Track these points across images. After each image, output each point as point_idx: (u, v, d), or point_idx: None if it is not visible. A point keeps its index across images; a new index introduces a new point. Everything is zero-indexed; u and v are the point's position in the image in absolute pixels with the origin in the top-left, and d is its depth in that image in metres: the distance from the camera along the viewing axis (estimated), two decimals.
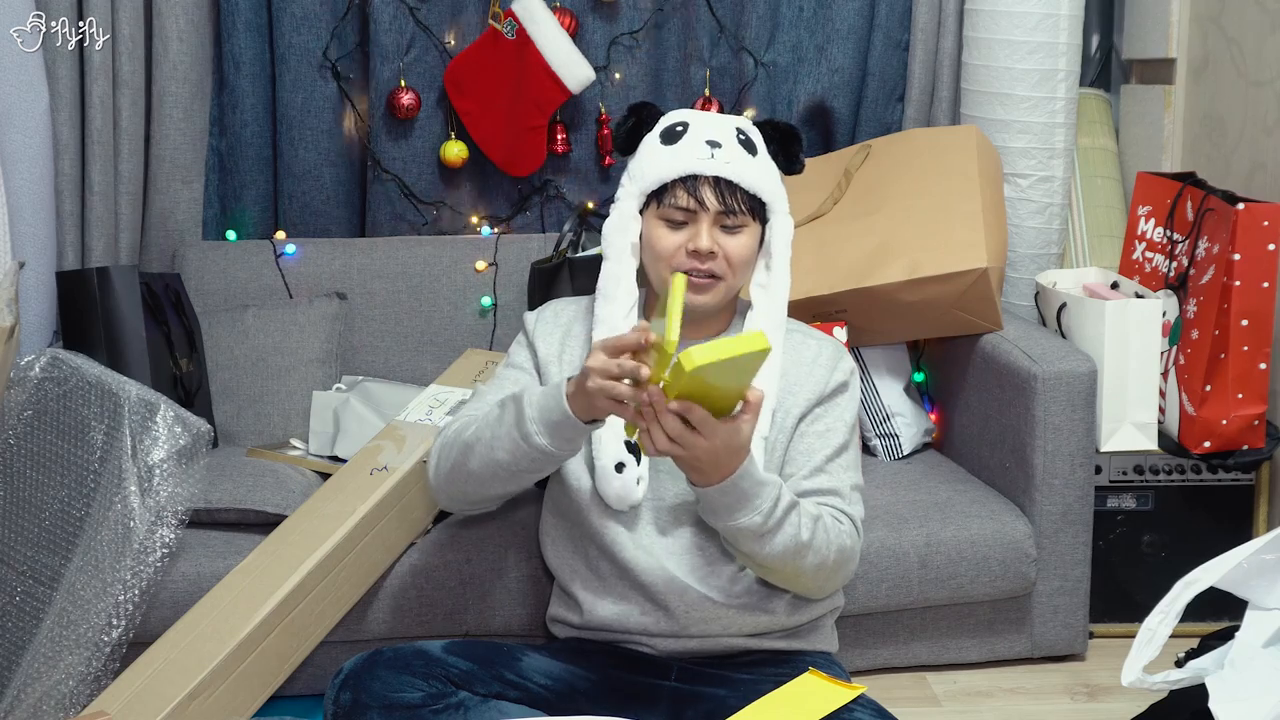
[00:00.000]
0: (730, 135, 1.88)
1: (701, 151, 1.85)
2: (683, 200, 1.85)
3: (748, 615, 1.87)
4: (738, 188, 1.85)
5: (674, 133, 1.88)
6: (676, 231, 1.86)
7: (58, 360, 2.20)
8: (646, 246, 1.90)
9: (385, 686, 1.77)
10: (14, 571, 2.11)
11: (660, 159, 1.87)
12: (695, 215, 1.85)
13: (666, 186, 1.86)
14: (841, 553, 1.82)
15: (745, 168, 1.86)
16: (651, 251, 1.89)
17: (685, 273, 1.82)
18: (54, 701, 1.98)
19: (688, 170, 1.85)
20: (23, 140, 2.52)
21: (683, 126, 1.88)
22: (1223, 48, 2.84)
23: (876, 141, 2.78)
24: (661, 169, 1.86)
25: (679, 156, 1.86)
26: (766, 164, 1.90)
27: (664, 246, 1.86)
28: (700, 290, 1.85)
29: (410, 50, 2.91)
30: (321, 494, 2.21)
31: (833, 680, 1.82)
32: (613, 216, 1.93)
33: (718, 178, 1.85)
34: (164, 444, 2.15)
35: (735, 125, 1.90)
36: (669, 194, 1.86)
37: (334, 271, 2.84)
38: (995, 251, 2.53)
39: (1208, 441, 2.52)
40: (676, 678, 1.87)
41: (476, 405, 1.94)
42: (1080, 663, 2.50)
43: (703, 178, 1.85)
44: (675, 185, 1.85)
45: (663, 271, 1.87)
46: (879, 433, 2.71)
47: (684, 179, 1.85)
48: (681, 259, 1.85)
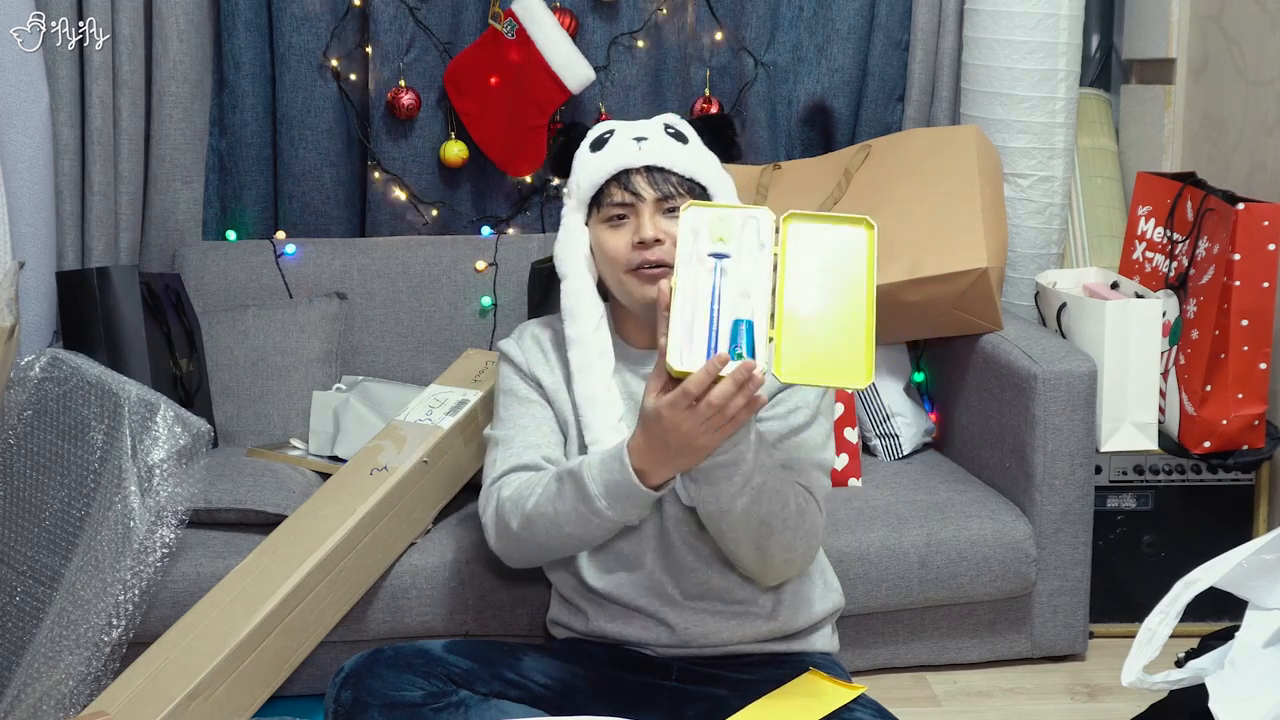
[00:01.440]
0: (657, 130, 1.89)
1: (629, 147, 1.87)
2: (618, 196, 1.85)
3: (749, 624, 1.87)
4: (670, 173, 1.85)
5: (602, 140, 1.90)
6: (621, 230, 1.86)
7: (58, 360, 2.20)
8: (598, 255, 1.90)
9: (386, 685, 1.77)
10: (14, 571, 2.11)
11: (591, 165, 1.88)
12: (634, 208, 1.85)
13: (602, 189, 1.87)
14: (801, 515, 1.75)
15: (675, 154, 1.87)
16: (603, 256, 1.88)
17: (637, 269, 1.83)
18: (54, 701, 1.98)
19: (618, 167, 1.86)
20: (23, 140, 2.52)
21: (609, 133, 1.90)
22: (1223, 48, 2.84)
23: (876, 141, 2.78)
24: (593, 173, 1.88)
25: (608, 157, 1.87)
26: (700, 152, 1.90)
27: (612, 247, 1.86)
28: (652, 281, 1.82)
29: (410, 50, 2.91)
30: (321, 494, 2.21)
31: (833, 680, 1.82)
32: (560, 235, 1.93)
33: (648, 166, 1.85)
34: (164, 444, 2.15)
35: (663, 121, 1.92)
36: (605, 195, 1.87)
37: (334, 271, 2.84)
38: (995, 251, 2.53)
39: (1208, 441, 2.52)
40: (677, 678, 1.87)
41: (505, 454, 1.88)
42: (1080, 663, 2.50)
43: (633, 170, 1.85)
44: (609, 185, 1.87)
45: (618, 274, 1.86)
46: (879, 433, 2.71)
47: (615, 176, 1.86)
48: (631, 255, 1.84)
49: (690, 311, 1.60)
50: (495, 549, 1.88)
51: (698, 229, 1.65)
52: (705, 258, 1.63)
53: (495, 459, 1.90)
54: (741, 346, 1.58)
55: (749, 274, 1.62)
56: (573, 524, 1.73)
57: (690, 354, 1.57)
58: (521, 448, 1.88)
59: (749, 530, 1.71)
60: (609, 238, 1.86)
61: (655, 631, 1.87)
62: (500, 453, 1.90)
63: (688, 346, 1.58)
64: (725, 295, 1.62)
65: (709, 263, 1.63)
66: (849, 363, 1.58)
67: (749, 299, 1.60)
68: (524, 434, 1.90)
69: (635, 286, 1.84)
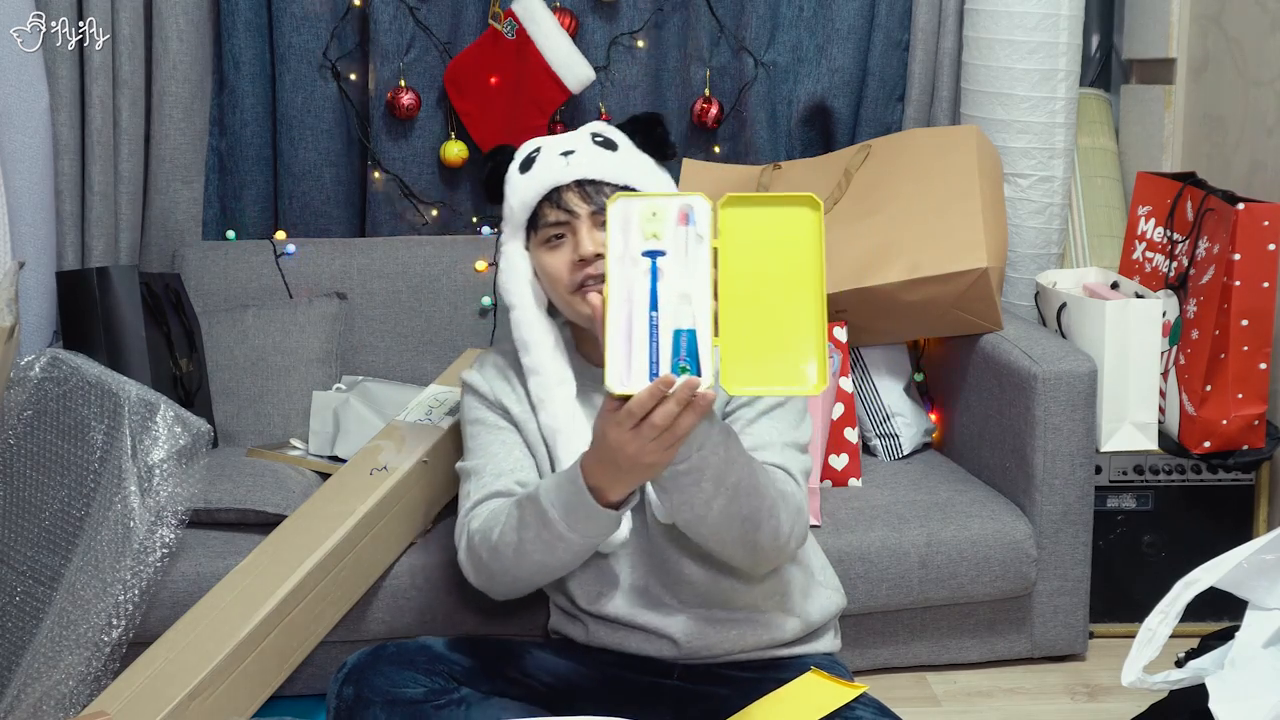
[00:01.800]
0: (583, 141, 1.84)
1: (556, 164, 1.81)
2: (552, 215, 1.80)
3: (751, 632, 1.85)
4: (602, 184, 1.80)
5: (529, 160, 1.84)
6: (560, 250, 1.80)
7: (58, 360, 2.20)
8: (542, 277, 1.84)
9: (388, 682, 1.77)
10: (14, 571, 2.11)
11: (521, 187, 1.83)
12: (570, 225, 1.79)
13: (536, 210, 1.82)
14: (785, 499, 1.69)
15: (605, 163, 1.81)
16: (546, 278, 1.83)
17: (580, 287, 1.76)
18: (54, 701, 1.98)
19: (548, 185, 1.80)
20: (23, 140, 2.52)
21: (536, 151, 1.85)
22: (1223, 48, 2.84)
23: (876, 141, 2.78)
24: (524, 195, 1.82)
25: (536, 177, 1.81)
26: (632, 156, 1.85)
27: (553, 268, 1.80)
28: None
29: (410, 50, 2.91)
30: (321, 494, 2.21)
31: (834, 679, 1.82)
32: (501, 265, 1.88)
33: (579, 180, 1.80)
34: (164, 444, 2.15)
35: (590, 131, 1.86)
36: (539, 216, 1.82)
37: (334, 271, 2.84)
38: (995, 251, 2.53)
39: (1208, 441, 2.52)
40: (679, 677, 1.87)
41: (478, 484, 1.84)
42: (1080, 663, 2.50)
43: (564, 186, 1.80)
44: (541, 205, 1.81)
45: (564, 295, 1.81)
46: (879, 433, 2.71)
47: (547, 195, 1.81)
48: (574, 274, 1.78)
49: (627, 323, 1.49)
50: (474, 584, 1.82)
51: (628, 224, 1.53)
52: (638, 257, 1.51)
53: (468, 491, 1.85)
54: (684, 359, 1.47)
55: (687, 272, 1.50)
56: (540, 550, 1.68)
57: (631, 374, 1.47)
58: (492, 476, 1.84)
59: (733, 530, 1.64)
60: (549, 259, 1.81)
61: (658, 644, 1.85)
62: (472, 484, 1.85)
63: (626, 367, 1.47)
64: (664, 300, 1.50)
65: (643, 263, 1.51)
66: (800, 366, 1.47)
67: (689, 302, 1.49)
68: (494, 461, 1.85)
69: (581, 305, 1.79)
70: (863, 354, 2.73)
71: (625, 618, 1.84)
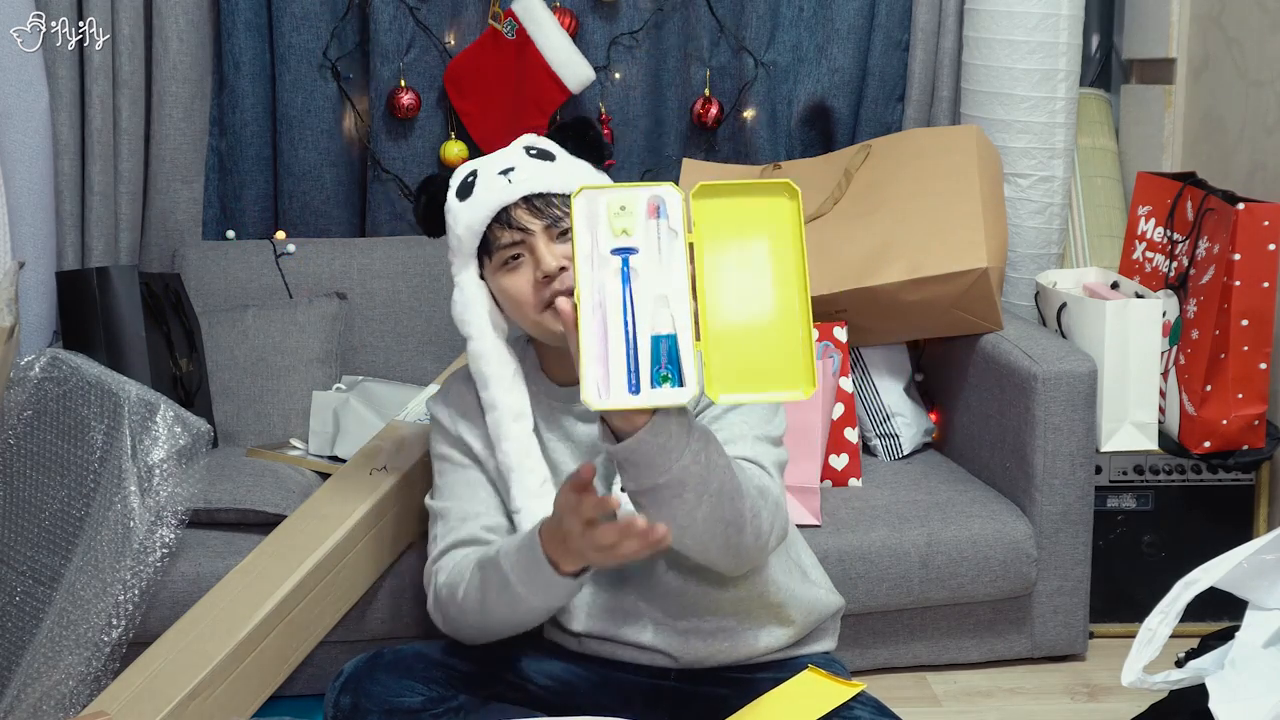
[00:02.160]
0: (519, 157, 1.79)
1: (498, 184, 1.75)
2: (505, 237, 1.75)
3: (743, 642, 1.83)
4: (549, 196, 1.75)
5: (467, 185, 1.79)
6: (520, 271, 1.75)
7: (58, 360, 2.20)
8: (505, 303, 1.79)
9: (385, 690, 1.77)
10: (14, 571, 2.11)
11: (466, 215, 1.77)
12: (525, 244, 1.74)
13: (486, 234, 1.76)
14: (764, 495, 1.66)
15: (547, 175, 1.76)
16: (511, 303, 1.77)
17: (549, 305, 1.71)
18: (54, 701, 1.98)
19: (494, 207, 1.75)
20: (23, 140, 2.52)
21: (473, 175, 1.79)
22: (1223, 48, 2.84)
23: (876, 141, 2.78)
24: (471, 221, 1.76)
25: (480, 201, 1.76)
26: (570, 165, 1.80)
27: (518, 291, 1.75)
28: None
29: (410, 50, 2.91)
30: (321, 494, 2.21)
31: (832, 678, 1.82)
32: (455, 296, 1.82)
33: (526, 197, 1.74)
34: (164, 444, 2.15)
35: (523, 145, 1.81)
36: (492, 240, 1.76)
37: (334, 271, 2.84)
38: (995, 251, 2.53)
39: (1208, 441, 2.52)
40: (676, 678, 1.86)
41: (444, 529, 1.82)
42: (1080, 663, 2.50)
43: (512, 205, 1.74)
44: (492, 228, 1.76)
45: (531, 316, 1.75)
46: (879, 433, 2.71)
47: (496, 218, 1.75)
48: (541, 293, 1.72)
49: (601, 329, 1.40)
50: (443, 631, 1.81)
51: (595, 219, 1.44)
52: (608, 256, 1.42)
53: (435, 535, 1.84)
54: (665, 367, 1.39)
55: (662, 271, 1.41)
56: (503, 609, 1.68)
57: (609, 387, 1.39)
58: (458, 520, 1.82)
59: (716, 536, 1.60)
60: (509, 282, 1.75)
61: (651, 656, 1.84)
62: (440, 528, 1.83)
63: (604, 378, 1.39)
64: (639, 303, 1.40)
65: (613, 262, 1.41)
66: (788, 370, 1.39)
67: (667, 304, 1.41)
68: (459, 504, 1.83)
69: (553, 323, 1.72)
70: (863, 354, 2.73)
71: (613, 635, 1.83)
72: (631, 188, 1.45)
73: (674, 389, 1.39)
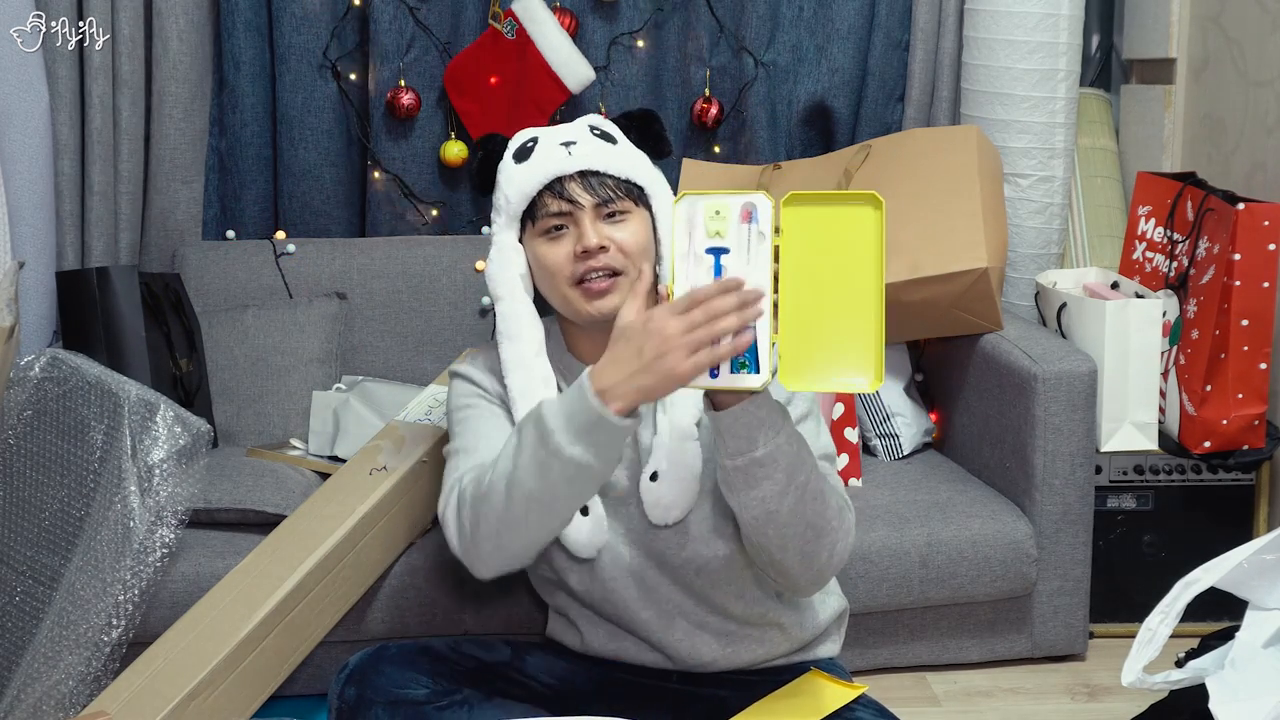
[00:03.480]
0: (583, 133, 1.80)
1: (557, 154, 1.76)
2: (554, 205, 1.75)
3: (745, 648, 1.83)
4: (605, 175, 1.76)
5: (526, 149, 1.79)
6: (560, 242, 1.75)
7: (58, 360, 2.20)
8: (538, 271, 1.78)
9: (390, 682, 1.77)
10: (14, 571, 2.11)
11: (520, 177, 1.77)
12: (572, 216, 1.74)
13: (535, 200, 1.76)
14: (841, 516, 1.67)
15: (607, 156, 1.77)
16: (544, 272, 1.77)
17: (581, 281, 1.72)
18: (54, 701, 1.98)
19: (550, 175, 1.75)
20: (23, 140, 2.52)
21: (533, 141, 1.80)
22: (1223, 48, 2.84)
23: (876, 141, 2.78)
24: (524, 185, 1.77)
25: (537, 166, 1.76)
26: (631, 151, 1.81)
27: (554, 261, 1.74)
28: (604, 293, 1.73)
29: (410, 50, 2.91)
30: (321, 494, 2.21)
31: (834, 680, 1.82)
32: (493, 255, 1.81)
33: (582, 171, 1.75)
34: (164, 444, 2.15)
35: (588, 124, 1.83)
36: (539, 206, 1.76)
37: (334, 271, 2.84)
38: (995, 251, 2.53)
39: (1208, 441, 2.52)
40: (678, 679, 1.86)
41: (469, 461, 1.74)
42: (1080, 663, 2.50)
43: (566, 177, 1.75)
44: (542, 195, 1.76)
45: (561, 289, 1.75)
46: (879, 433, 2.71)
47: (548, 185, 1.75)
48: (575, 267, 1.73)
49: None
50: (455, 548, 1.69)
51: (692, 222, 1.54)
52: (702, 254, 1.53)
53: (456, 465, 1.76)
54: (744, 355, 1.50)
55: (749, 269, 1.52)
56: (532, 476, 1.56)
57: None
58: (488, 453, 1.72)
59: (797, 535, 1.61)
60: (548, 251, 1.76)
61: (654, 656, 1.83)
62: (462, 460, 1.75)
63: None
64: None
65: (706, 260, 1.53)
66: (858, 364, 1.50)
67: None
68: (489, 442, 1.75)
69: (580, 300, 1.74)
70: None
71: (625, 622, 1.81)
72: (728, 194, 1.55)
73: (749, 374, 1.51)
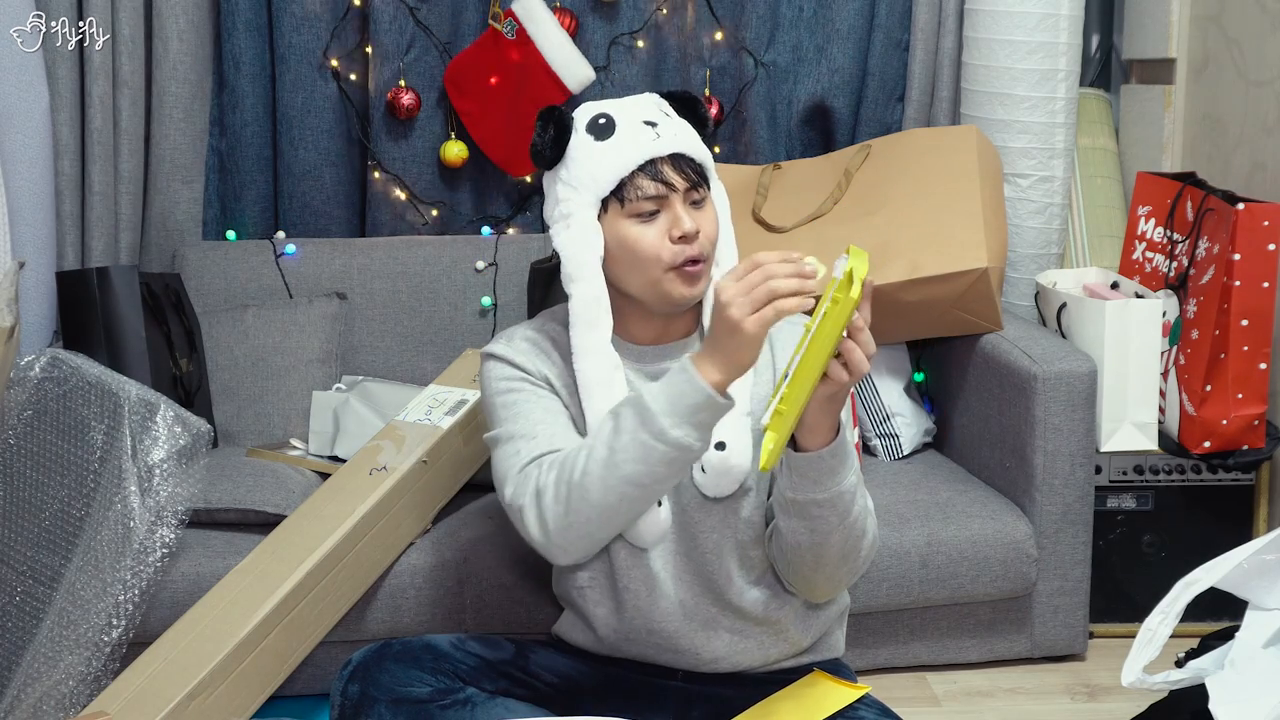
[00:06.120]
0: (657, 112, 1.75)
1: (645, 134, 1.71)
2: (650, 189, 1.70)
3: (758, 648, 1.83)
4: (689, 159, 1.73)
5: (602, 126, 1.73)
6: (655, 225, 1.70)
7: (58, 360, 2.20)
8: (622, 252, 1.72)
9: (393, 680, 1.77)
10: (14, 571, 2.11)
11: (605, 156, 1.71)
12: (665, 200, 1.70)
13: (625, 181, 1.71)
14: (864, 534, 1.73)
15: (688, 138, 1.74)
16: (632, 255, 1.71)
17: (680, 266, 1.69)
18: (54, 701, 1.98)
19: (645, 157, 1.70)
20: (23, 140, 2.52)
21: (605, 118, 1.73)
22: (1223, 48, 2.84)
23: (876, 141, 2.78)
24: (614, 165, 1.71)
25: (626, 146, 1.71)
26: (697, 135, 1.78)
27: (648, 244, 1.69)
28: (695, 280, 1.71)
29: (410, 50, 2.91)
30: (321, 494, 2.21)
31: (837, 680, 1.82)
32: (572, 234, 1.73)
33: (673, 154, 1.72)
34: (164, 444, 2.15)
35: (653, 101, 1.78)
36: (631, 188, 1.70)
37: (334, 271, 2.84)
38: (995, 251, 2.53)
39: (1208, 441, 2.52)
40: (683, 678, 1.86)
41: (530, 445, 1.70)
42: (1080, 663, 2.50)
43: (660, 159, 1.71)
44: (635, 176, 1.70)
45: (654, 274, 1.71)
46: (879, 433, 2.71)
47: (642, 167, 1.70)
48: (671, 252, 1.69)
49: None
50: (537, 537, 1.67)
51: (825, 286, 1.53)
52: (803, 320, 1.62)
53: (519, 449, 1.71)
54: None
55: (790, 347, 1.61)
56: (632, 461, 1.57)
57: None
58: (548, 438, 1.71)
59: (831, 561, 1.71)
60: (641, 234, 1.70)
61: (671, 655, 1.83)
62: (522, 446, 1.71)
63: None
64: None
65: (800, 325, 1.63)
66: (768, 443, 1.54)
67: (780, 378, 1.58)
68: (547, 428, 1.72)
69: (676, 285, 1.71)
70: None
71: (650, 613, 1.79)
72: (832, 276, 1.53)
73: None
